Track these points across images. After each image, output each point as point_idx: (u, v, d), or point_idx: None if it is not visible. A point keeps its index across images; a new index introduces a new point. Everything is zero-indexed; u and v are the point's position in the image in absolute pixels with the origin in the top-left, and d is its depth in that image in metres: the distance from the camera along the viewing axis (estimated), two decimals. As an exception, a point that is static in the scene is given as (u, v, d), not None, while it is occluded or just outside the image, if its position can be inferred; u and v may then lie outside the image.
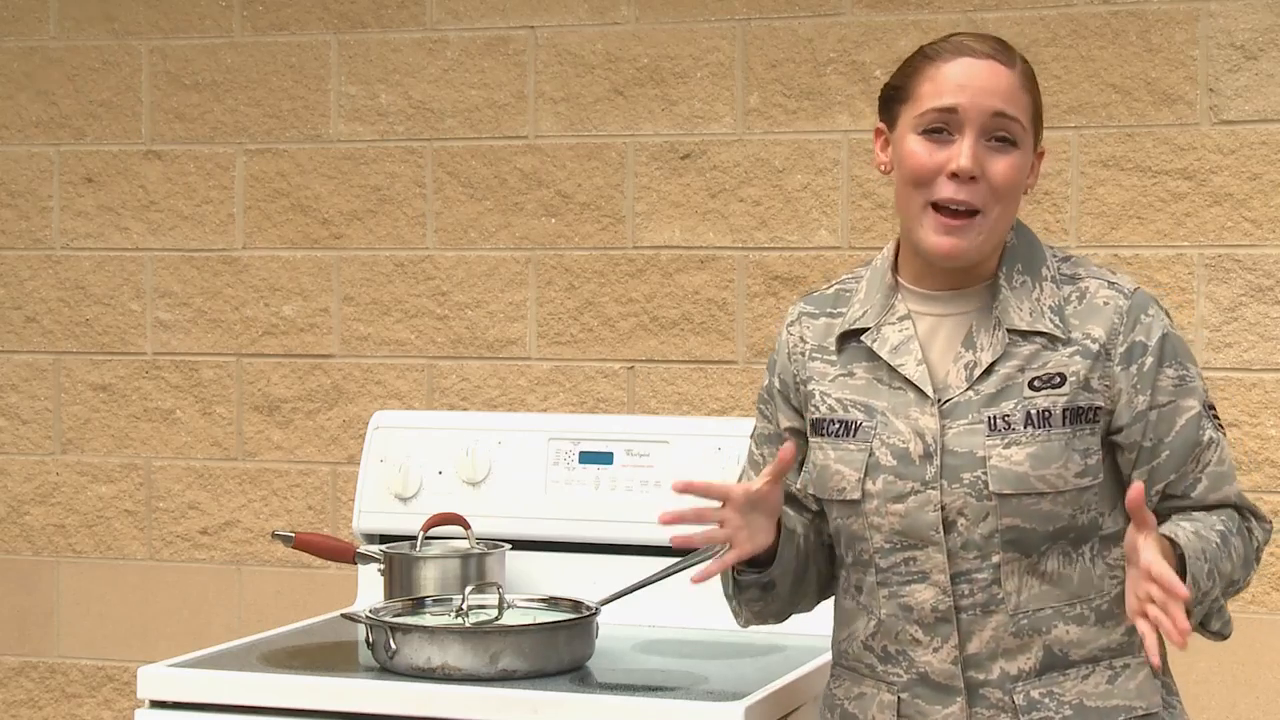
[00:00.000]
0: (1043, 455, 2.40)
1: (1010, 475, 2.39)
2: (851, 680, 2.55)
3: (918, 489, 2.43)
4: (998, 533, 2.40)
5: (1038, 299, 2.45)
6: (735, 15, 3.83)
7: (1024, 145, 2.44)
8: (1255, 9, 3.55)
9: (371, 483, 3.57)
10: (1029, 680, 2.43)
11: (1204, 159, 3.59)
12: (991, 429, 2.41)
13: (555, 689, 2.81)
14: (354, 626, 3.24)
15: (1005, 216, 2.44)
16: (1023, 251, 2.49)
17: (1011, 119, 2.42)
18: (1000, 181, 2.41)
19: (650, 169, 3.88)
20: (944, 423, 2.43)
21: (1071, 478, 2.41)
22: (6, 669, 4.31)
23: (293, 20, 4.09)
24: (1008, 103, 2.41)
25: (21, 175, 4.27)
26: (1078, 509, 2.42)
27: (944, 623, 2.44)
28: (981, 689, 2.44)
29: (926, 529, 2.42)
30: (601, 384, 3.92)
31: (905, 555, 2.45)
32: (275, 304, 4.11)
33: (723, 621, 3.26)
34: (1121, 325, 2.43)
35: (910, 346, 2.47)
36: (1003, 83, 2.42)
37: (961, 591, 2.43)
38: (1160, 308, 2.48)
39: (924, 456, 2.43)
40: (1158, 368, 2.42)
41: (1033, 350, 2.43)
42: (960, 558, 2.42)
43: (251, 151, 4.12)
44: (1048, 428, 2.40)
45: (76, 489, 4.24)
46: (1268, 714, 3.58)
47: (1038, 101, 2.48)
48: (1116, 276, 2.49)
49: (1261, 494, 3.57)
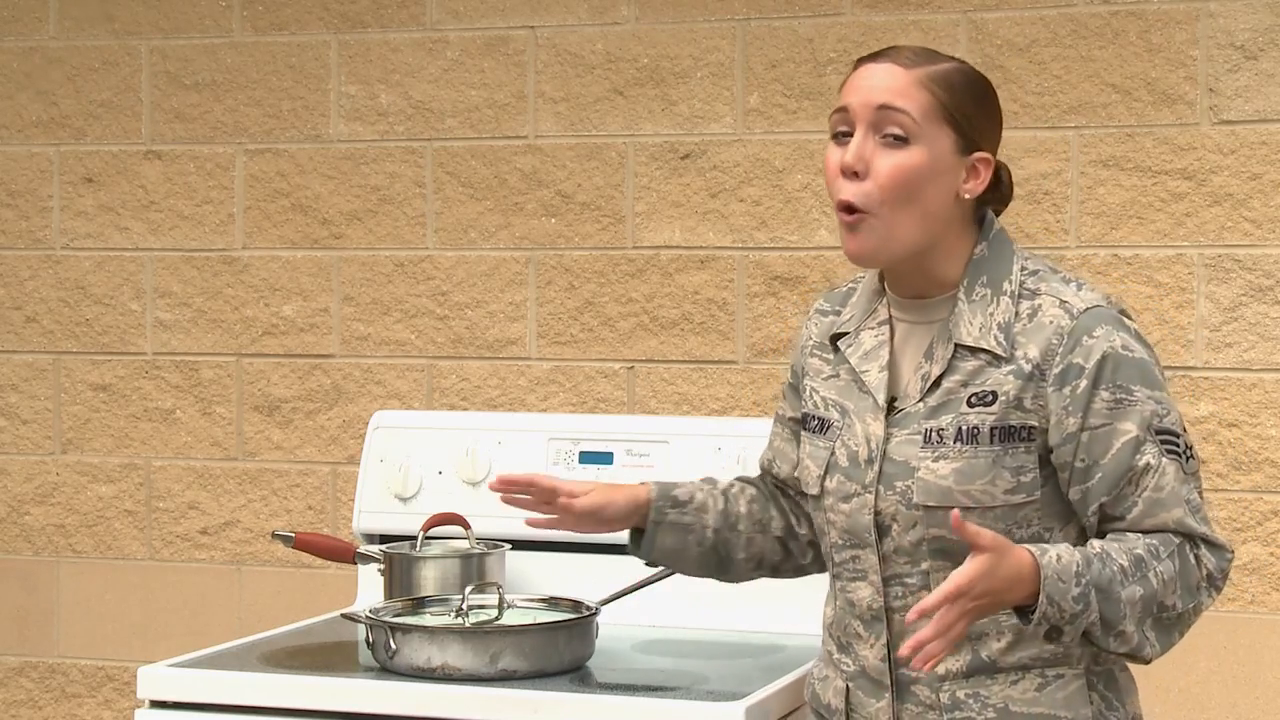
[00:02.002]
0: (968, 471, 2.43)
1: (935, 488, 2.44)
2: (824, 662, 2.65)
3: (859, 491, 2.50)
4: (925, 541, 2.46)
5: (991, 314, 2.46)
6: (735, 15, 3.83)
7: (923, 143, 2.43)
8: (1255, 9, 3.55)
9: (371, 483, 3.57)
10: (956, 681, 2.47)
11: (1204, 159, 3.59)
12: (926, 441, 2.45)
13: (555, 689, 2.81)
14: (354, 626, 3.24)
15: (905, 219, 2.44)
16: (990, 263, 2.50)
17: (898, 111, 2.41)
18: (884, 179, 2.42)
19: (650, 169, 3.88)
20: (891, 431, 2.48)
21: (1000, 494, 2.43)
22: (6, 669, 4.31)
23: (293, 20, 4.09)
24: (894, 97, 2.42)
25: (21, 175, 4.27)
26: (1013, 524, 2.44)
27: (877, 621, 2.51)
28: (912, 686, 2.50)
29: (862, 531, 2.50)
30: (601, 384, 3.92)
31: (851, 553, 2.53)
32: (275, 304, 4.11)
33: (723, 621, 3.26)
34: (1060, 346, 2.42)
35: (880, 353, 2.53)
36: (893, 81, 2.43)
37: (894, 593, 2.50)
38: (1115, 328, 2.44)
39: (867, 461, 2.49)
40: (1092, 390, 2.40)
41: (976, 366, 2.45)
42: (893, 561, 2.49)
43: (251, 151, 4.12)
44: (975, 444, 2.43)
45: (76, 489, 4.24)
46: (1268, 714, 3.58)
47: (952, 103, 2.45)
48: (1074, 293, 2.47)
49: (1262, 494, 3.57)
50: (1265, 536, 3.57)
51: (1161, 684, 3.58)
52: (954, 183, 2.47)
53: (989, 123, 2.52)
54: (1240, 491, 3.58)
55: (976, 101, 2.49)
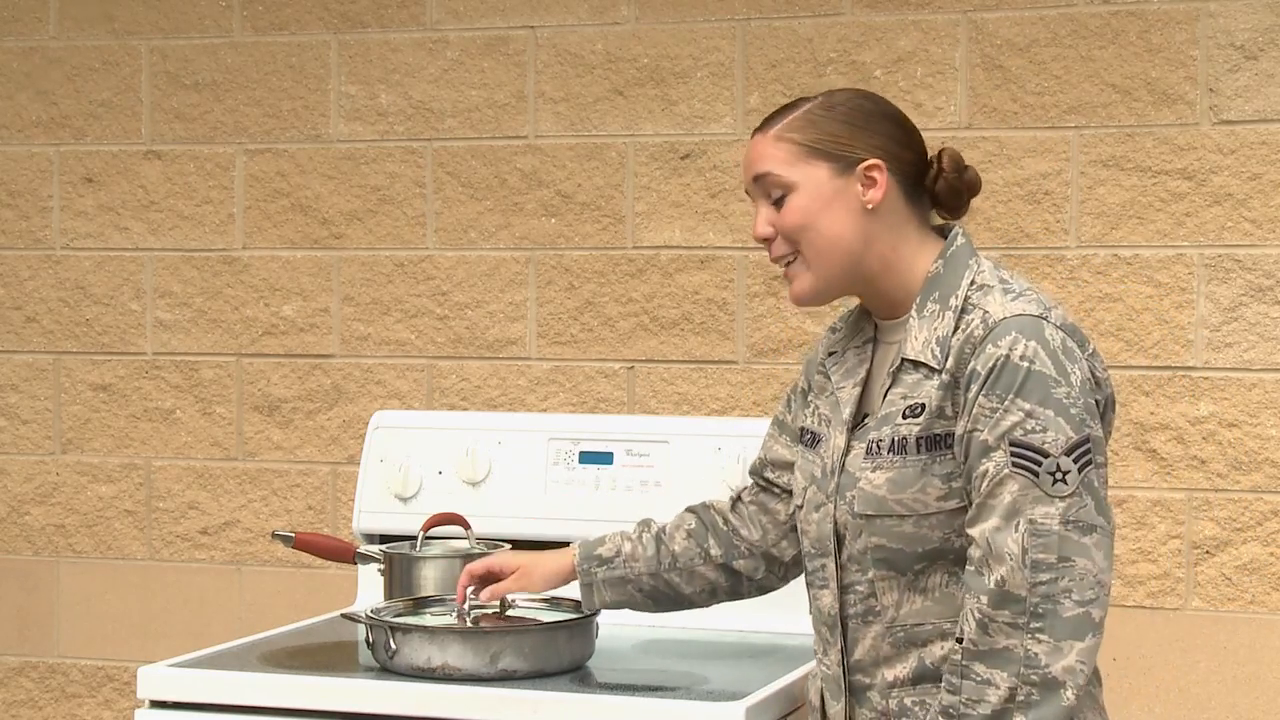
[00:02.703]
0: (899, 480, 2.50)
1: (872, 498, 2.52)
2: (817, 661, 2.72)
3: (823, 502, 2.60)
4: (869, 550, 2.53)
5: (935, 328, 2.52)
6: (735, 15, 3.83)
7: (798, 188, 2.56)
8: (1255, 9, 3.55)
9: (371, 483, 3.57)
10: (903, 688, 2.53)
11: (1204, 159, 3.59)
12: (868, 454, 2.54)
13: (555, 689, 2.81)
14: (354, 626, 3.24)
15: (824, 247, 2.56)
16: (944, 280, 2.55)
17: (767, 175, 2.58)
18: (787, 226, 2.58)
19: (650, 169, 3.88)
20: (852, 444, 2.57)
21: (933, 501, 2.48)
22: (6, 669, 4.31)
23: (293, 20, 4.09)
24: (759, 164, 2.59)
25: (21, 175, 4.27)
26: (950, 531, 2.48)
27: (835, 627, 2.59)
28: (867, 691, 2.57)
29: (824, 540, 2.59)
30: (601, 384, 3.92)
31: (820, 561, 2.62)
32: (275, 304, 4.11)
33: (723, 622, 3.26)
34: (970, 354, 2.46)
35: (858, 371, 2.63)
36: (753, 152, 2.60)
37: (848, 601, 2.57)
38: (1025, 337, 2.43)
39: (829, 473, 2.59)
40: (978, 394, 2.43)
41: (916, 380, 2.52)
42: (847, 569, 2.57)
43: (251, 151, 4.12)
44: (904, 454, 2.50)
45: (76, 489, 4.24)
46: (1268, 714, 3.58)
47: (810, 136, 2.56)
48: (1003, 304, 2.48)
49: (1262, 494, 3.57)
50: (1265, 536, 3.57)
51: (1162, 684, 3.58)
52: (852, 200, 2.56)
53: (867, 132, 2.58)
54: (1240, 491, 3.58)
55: (843, 122, 2.58)
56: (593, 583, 2.85)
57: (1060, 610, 2.36)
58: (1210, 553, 3.59)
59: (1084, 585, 2.36)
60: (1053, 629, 2.35)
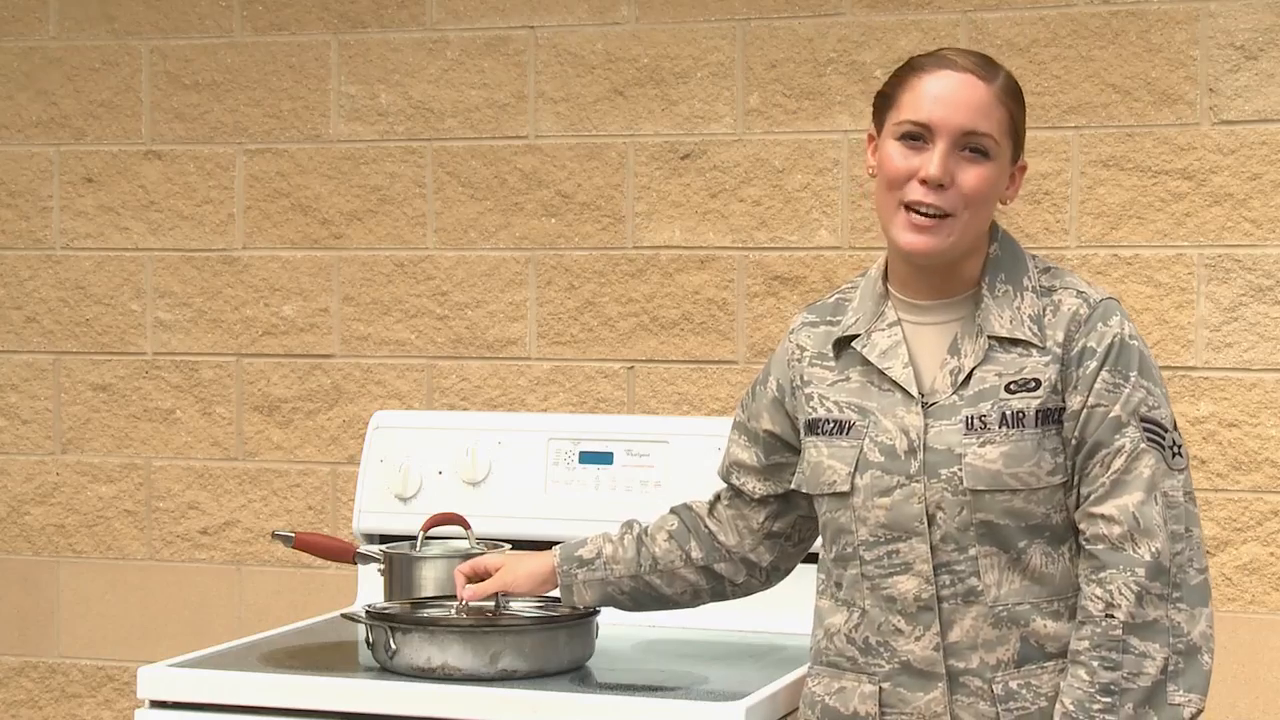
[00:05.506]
0: (1015, 454, 2.51)
1: (984, 473, 2.51)
2: (831, 676, 2.65)
3: (903, 483, 2.56)
4: (973, 526, 2.52)
5: (1018, 308, 2.56)
6: (735, 15, 3.83)
7: (997, 157, 2.55)
8: (1255, 9, 3.55)
9: (371, 483, 3.57)
10: (1007, 671, 2.53)
11: (1204, 159, 3.59)
12: (969, 428, 2.53)
13: (555, 689, 2.81)
14: (354, 626, 3.24)
15: (975, 222, 2.56)
16: (1006, 262, 2.61)
17: (983, 135, 2.53)
18: (969, 190, 2.54)
19: (650, 169, 3.88)
20: (927, 421, 2.56)
21: (1044, 475, 2.52)
22: (6, 669, 4.31)
23: (293, 20, 4.09)
24: (979, 120, 2.53)
25: (21, 175, 4.27)
26: (1051, 507, 2.53)
27: (926, 611, 2.55)
28: (962, 676, 2.54)
29: (911, 521, 2.55)
30: (601, 384, 3.92)
31: (889, 548, 2.57)
32: (275, 304, 4.11)
33: (723, 622, 3.26)
34: (1078, 331, 2.53)
35: (898, 351, 2.60)
36: (976, 98, 2.53)
37: (943, 582, 2.55)
38: (1125, 321, 2.55)
39: (909, 452, 2.56)
40: (1098, 370, 2.51)
41: (1011, 357, 2.55)
42: (941, 550, 2.55)
43: (251, 151, 4.12)
44: (1021, 428, 2.52)
45: (76, 489, 4.24)
46: (1267, 714, 3.58)
47: (1016, 115, 2.58)
48: (1089, 287, 2.59)
49: (1262, 494, 3.57)
50: (1265, 536, 3.57)
51: (1161, 684, 3.58)
52: (1000, 190, 2.60)
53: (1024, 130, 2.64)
54: (1240, 491, 3.58)
55: (1023, 111, 2.61)
56: (572, 584, 2.87)
57: (1189, 579, 2.48)
58: (1210, 553, 3.59)
59: (1200, 554, 2.50)
60: (1187, 597, 2.48)
